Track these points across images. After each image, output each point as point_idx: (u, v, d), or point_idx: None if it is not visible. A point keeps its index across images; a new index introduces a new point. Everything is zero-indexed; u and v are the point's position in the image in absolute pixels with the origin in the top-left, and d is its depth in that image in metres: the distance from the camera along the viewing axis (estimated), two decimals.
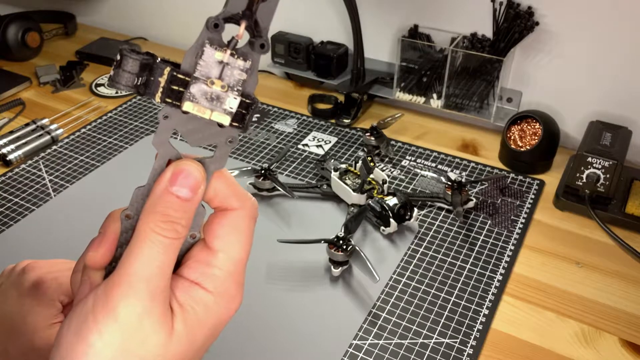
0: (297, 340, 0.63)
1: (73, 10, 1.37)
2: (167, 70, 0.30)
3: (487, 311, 0.66)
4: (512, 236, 0.77)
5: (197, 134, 0.31)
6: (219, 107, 0.31)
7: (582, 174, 0.80)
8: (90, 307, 0.30)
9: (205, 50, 0.30)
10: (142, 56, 0.29)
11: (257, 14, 0.29)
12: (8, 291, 0.52)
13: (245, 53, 0.30)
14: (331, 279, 0.70)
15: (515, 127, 0.90)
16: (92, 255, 0.32)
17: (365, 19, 1.01)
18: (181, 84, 0.30)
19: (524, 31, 0.90)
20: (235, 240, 0.33)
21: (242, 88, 0.31)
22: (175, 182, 0.31)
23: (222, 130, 0.32)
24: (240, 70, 0.31)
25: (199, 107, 0.31)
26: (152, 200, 0.31)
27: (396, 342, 0.63)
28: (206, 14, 0.31)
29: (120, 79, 0.29)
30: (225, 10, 0.29)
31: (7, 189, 0.84)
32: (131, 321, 0.29)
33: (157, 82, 0.30)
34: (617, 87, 0.90)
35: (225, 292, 0.32)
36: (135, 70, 0.29)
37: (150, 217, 0.30)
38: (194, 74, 0.30)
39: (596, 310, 0.67)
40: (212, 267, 0.32)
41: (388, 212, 0.75)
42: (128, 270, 0.30)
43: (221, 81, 0.30)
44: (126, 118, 1.02)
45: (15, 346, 0.50)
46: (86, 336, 0.29)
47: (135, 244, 0.30)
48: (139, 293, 0.29)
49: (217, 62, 0.30)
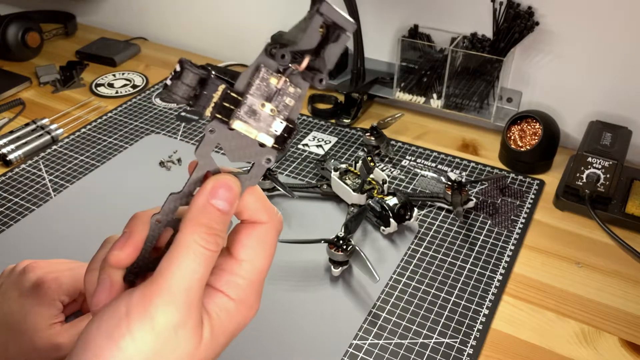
0: (297, 340, 0.63)
1: (73, 10, 1.37)
2: (221, 87, 0.31)
3: (487, 311, 0.66)
4: (512, 236, 0.77)
5: (238, 151, 0.33)
6: (265, 129, 0.32)
7: (582, 174, 0.80)
8: (123, 312, 0.30)
9: (261, 73, 0.31)
10: (201, 71, 0.31)
11: (324, 53, 0.31)
12: (8, 291, 0.52)
13: (297, 81, 0.32)
14: (331, 279, 0.70)
15: (515, 127, 0.90)
16: (117, 254, 0.33)
17: (365, 19, 1.01)
18: (233, 102, 0.32)
19: (524, 31, 0.90)
20: (260, 251, 0.34)
21: (288, 113, 0.32)
22: (216, 195, 0.32)
23: (263, 149, 0.33)
24: (290, 97, 0.32)
25: (247, 126, 0.32)
26: (195, 211, 0.32)
27: (396, 342, 0.63)
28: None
29: (178, 90, 0.31)
30: (296, 45, 0.30)
31: (7, 189, 0.84)
32: (167, 330, 0.30)
33: (209, 97, 0.31)
34: (617, 87, 0.90)
35: (246, 300, 0.33)
36: (193, 84, 0.31)
37: (194, 228, 0.31)
38: (247, 94, 0.31)
39: (596, 310, 0.67)
40: (236, 275, 0.33)
41: (388, 212, 0.75)
42: (169, 280, 0.30)
43: (271, 105, 0.32)
44: (126, 118, 1.02)
45: (16, 346, 0.50)
46: (118, 340, 0.29)
47: (177, 253, 0.31)
48: (178, 303, 0.30)
49: (270, 87, 0.32)
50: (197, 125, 1.00)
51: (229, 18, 1.20)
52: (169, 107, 1.05)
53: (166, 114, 1.03)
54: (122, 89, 1.11)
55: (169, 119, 1.01)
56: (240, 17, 1.19)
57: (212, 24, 1.23)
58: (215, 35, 1.24)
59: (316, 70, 0.31)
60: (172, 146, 0.94)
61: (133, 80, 1.14)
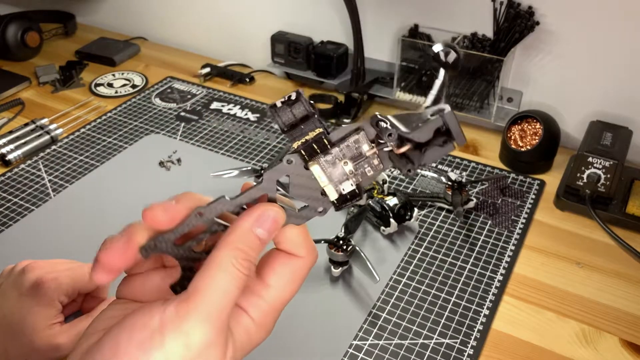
0: (297, 340, 0.63)
1: (73, 10, 1.37)
2: (319, 130, 0.33)
3: (488, 311, 0.66)
4: (513, 236, 0.77)
5: (301, 190, 0.34)
6: (335, 183, 0.34)
7: (583, 174, 0.80)
8: (157, 324, 0.30)
9: (359, 137, 0.33)
10: (310, 108, 0.33)
11: (426, 151, 0.33)
12: (8, 291, 0.52)
13: (384, 157, 0.34)
14: (331, 279, 0.70)
15: (516, 127, 0.90)
16: (160, 214, 0.33)
17: (365, 19, 1.01)
18: (321, 147, 0.33)
19: (525, 31, 0.90)
20: (290, 282, 0.35)
21: (361, 180, 0.34)
22: (261, 224, 0.33)
23: (322, 198, 0.35)
24: (370, 168, 0.34)
25: (322, 173, 0.34)
26: (237, 235, 0.32)
27: (396, 343, 0.62)
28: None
29: (283, 115, 0.33)
30: (408, 133, 0.32)
31: (7, 189, 0.84)
32: (200, 348, 0.30)
33: (304, 132, 0.33)
34: (617, 86, 0.90)
35: (265, 324, 0.34)
36: (299, 116, 0.33)
37: (233, 251, 0.32)
38: (336, 146, 0.33)
39: (597, 310, 0.67)
40: (262, 298, 0.34)
41: (388, 212, 0.74)
42: (205, 297, 0.31)
43: (352, 166, 0.34)
44: (126, 118, 1.02)
45: (15, 346, 0.50)
46: (149, 351, 0.29)
47: (213, 271, 0.31)
48: (213, 323, 0.30)
49: (359, 151, 0.34)
50: (197, 125, 1.00)
51: (228, 18, 1.20)
52: (168, 107, 1.05)
53: (166, 114, 1.03)
54: (122, 89, 1.11)
55: (168, 119, 1.01)
56: (240, 17, 1.19)
57: (211, 23, 1.23)
58: (215, 35, 1.24)
59: (408, 159, 0.33)
60: (171, 146, 0.93)
61: (132, 80, 1.14)
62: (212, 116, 1.02)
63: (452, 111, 0.33)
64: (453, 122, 0.32)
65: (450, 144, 0.33)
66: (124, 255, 0.32)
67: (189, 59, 1.22)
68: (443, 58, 0.39)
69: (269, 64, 1.13)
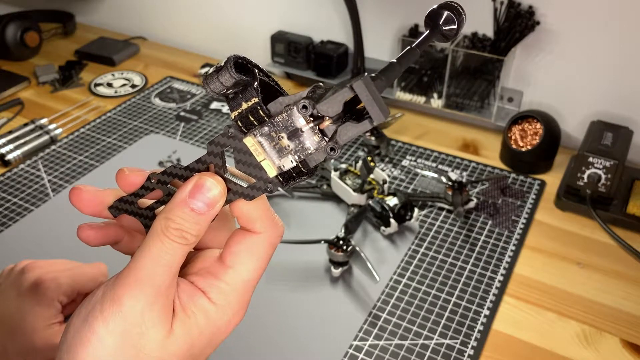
0: (297, 340, 0.63)
1: (72, 10, 1.36)
2: (254, 100, 0.30)
3: (488, 312, 0.66)
4: (513, 236, 0.77)
5: (244, 165, 0.32)
6: (273, 159, 0.31)
7: (583, 174, 0.80)
8: (99, 297, 0.31)
9: (294, 110, 0.30)
10: (240, 76, 0.30)
11: (340, 129, 0.30)
12: (7, 291, 0.52)
13: (326, 133, 0.30)
14: (331, 280, 0.70)
15: (516, 127, 0.90)
16: (127, 172, 0.36)
17: (365, 19, 1.01)
18: (258, 119, 0.31)
19: (525, 31, 0.90)
20: (247, 261, 0.34)
21: (304, 156, 0.31)
22: (195, 195, 0.32)
23: (266, 176, 0.32)
24: (311, 144, 0.30)
25: (258, 147, 0.31)
26: (171, 205, 0.32)
27: (396, 343, 0.62)
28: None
29: (210, 83, 0.30)
30: (317, 108, 0.29)
31: (6, 189, 0.84)
32: (134, 313, 0.30)
33: (240, 103, 0.31)
34: (618, 86, 0.90)
35: (227, 306, 0.33)
36: (227, 84, 0.30)
37: (164, 221, 0.32)
38: (272, 120, 0.30)
39: (597, 310, 0.67)
40: (221, 280, 0.33)
41: (388, 212, 0.74)
42: (137, 265, 0.31)
43: (289, 142, 0.31)
44: (125, 118, 1.02)
45: (15, 346, 0.50)
46: (92, 323, 0.30)
47: (147, 242, 0.32)
48: (143, 288, 0.31)
49: (296, 125, 0.30)
50: (197, 125, 0.99)
51: (228, 17, 1.20)
52: (168, 107, 1.05)
53: (165, 114, 1.02)
54: (121, 89, 1.11)
55: (168, 119, 1.01)
56: (239, 16, 1.19)
57: (211, 23, 1.22)
58: (214, 35, 1.24)
59: (332, 139, 0.30)
60: (171, 146, 0.93)
61: (132, 79, 1.14)
62: (212, 116, 1.02)
63: (371, 81, 0.28)
64: (365, 93, 0.28)
65: (366, 121, 0.29)
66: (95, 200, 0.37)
67: (188, 59, 1.22)
68: (439, 22, 0.32)
69: (269, 63, 1.13)
